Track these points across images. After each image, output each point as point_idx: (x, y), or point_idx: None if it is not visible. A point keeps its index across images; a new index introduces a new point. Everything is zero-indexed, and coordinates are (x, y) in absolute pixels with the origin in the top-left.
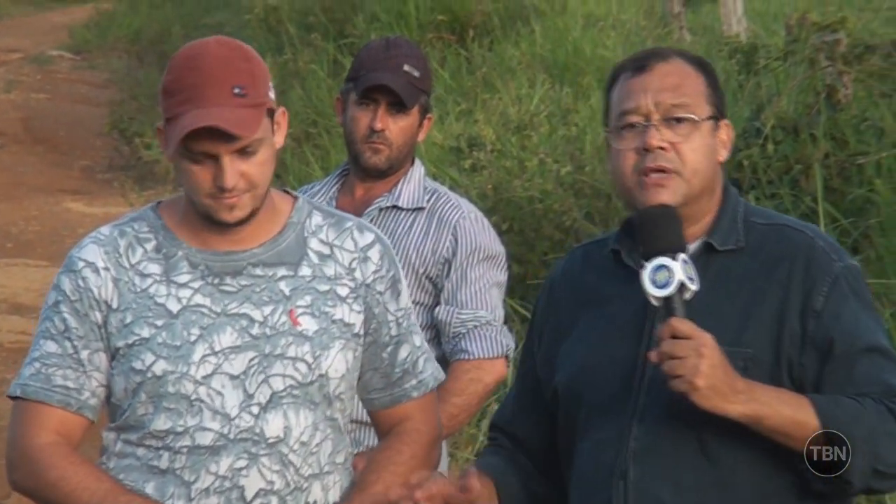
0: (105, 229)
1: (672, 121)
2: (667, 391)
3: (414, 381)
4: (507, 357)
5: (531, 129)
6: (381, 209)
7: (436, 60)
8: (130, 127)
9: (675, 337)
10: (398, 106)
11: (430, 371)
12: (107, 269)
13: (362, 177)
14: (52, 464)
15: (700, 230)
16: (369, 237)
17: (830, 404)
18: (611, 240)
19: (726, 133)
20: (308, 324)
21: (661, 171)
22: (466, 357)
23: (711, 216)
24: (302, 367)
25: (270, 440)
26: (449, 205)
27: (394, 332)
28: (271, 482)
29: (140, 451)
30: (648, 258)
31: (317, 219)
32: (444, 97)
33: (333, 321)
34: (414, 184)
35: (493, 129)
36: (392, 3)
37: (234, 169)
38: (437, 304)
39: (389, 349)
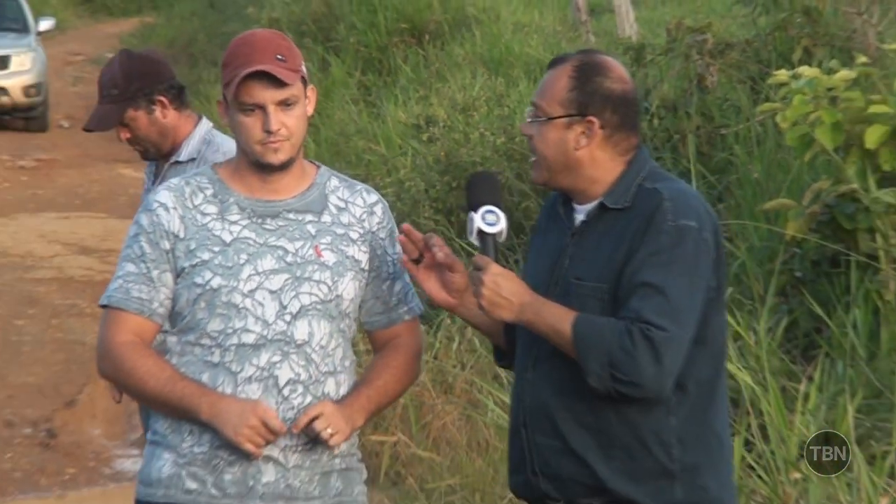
0: (175, 180)
1: (534, 115)
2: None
3: (405, 308)
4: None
5: (473, 109)
6: (169, 164)
7: (400, 57)
8: None
9: (475, 267)
10: None
11: (417, 301)
12: (175, 208)
13: None
14: (127, 357)
15: (598, 193)
16: (374, 197)
17: (585, 322)
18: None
19: (592, 129)
20: (328, 257)
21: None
22: None
23: (609, 183)
24: (324, 288)
25: (298, 342)
26: (212, 150)
27: (391, 269)
28: (298, 374)
29: (197, 350)
30: (472, 206)
31: (335, 182)
32: (406, 86)
33: (347, 257)
34: (195, 140)
35: (444, 110)
36: (365, 15)
37: (276, 116)
38: None
39: (388, 283)
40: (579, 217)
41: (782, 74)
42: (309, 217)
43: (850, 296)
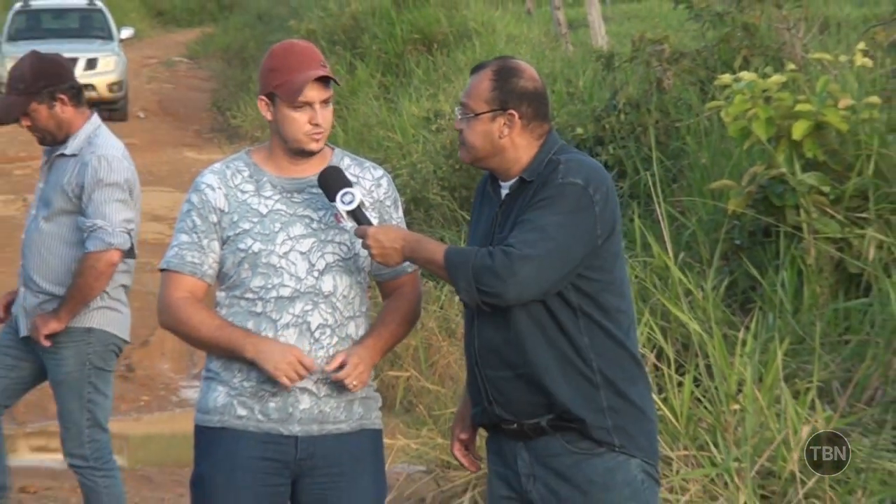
0: (217, 165)
1: (462, 112)
2: None
3: (407, 262)
4: (119, 250)
5: None
6: (56, 154)
7: (413, 62)
8: (224, 105)
9: (356, 234)
10: None
11: None
12: (219, 188)
13: None
14: (183, 309)
15: (518, 171)
16: (380, 172)
17: (454, 250)
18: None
19: (511, 121)
20: (346, 222)
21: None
22: (86, 251)
23: (527, 162)
24: (344, 248)
25: (325, 293)
26: (89, 151)
27: None
28: (326, 319)
29: (242, 302)
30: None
31: (347, 160)
32: (418, 86)
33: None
34: (79, 140)
35: (449, 106)
36: (385, 28)
37: (321, 112)
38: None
39: None
40: (504, 191)
41: (726, 78)
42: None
43: (779, 260)
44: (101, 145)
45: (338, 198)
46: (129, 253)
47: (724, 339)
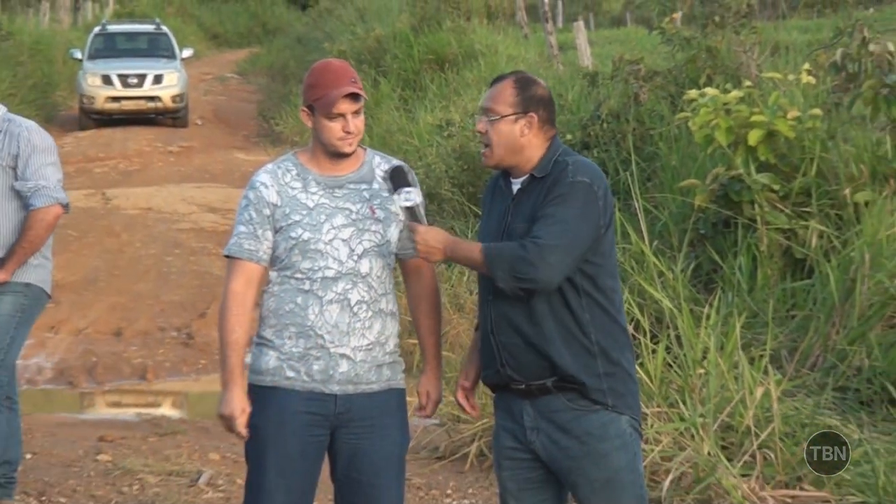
0: (269, 165)
1: (488, 115)
2: None
3: None
4: (62, 205)
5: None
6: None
7: (428, 79)
8: (268, 114)
9: (410, 229)
10: None
11: None
12: (272, 185)
13: None
14: (230, 308)
15: (529, 168)
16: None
17: (490, 246)
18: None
19: (531, 122)
20: (379, 213)
21: (483, 144)
22: (33, 207)
23: (537, 160)
24: (378, 236)
25: (363, 274)
26: (16, 124)
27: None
28: (363, 296)
29: (292, 281)
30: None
31: (377, 159)
32: (432, 98)
33: (391, 212)
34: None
35: (459, 115)
36: (404, 49)
37: (352, 121)
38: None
39: None
40: (516, 186)
41: (692, 93)
42: (363, 186)
43: (737, 247)
44: (20, 119)
45: (402, 193)
46: (65, 208)
47: (691, 314)
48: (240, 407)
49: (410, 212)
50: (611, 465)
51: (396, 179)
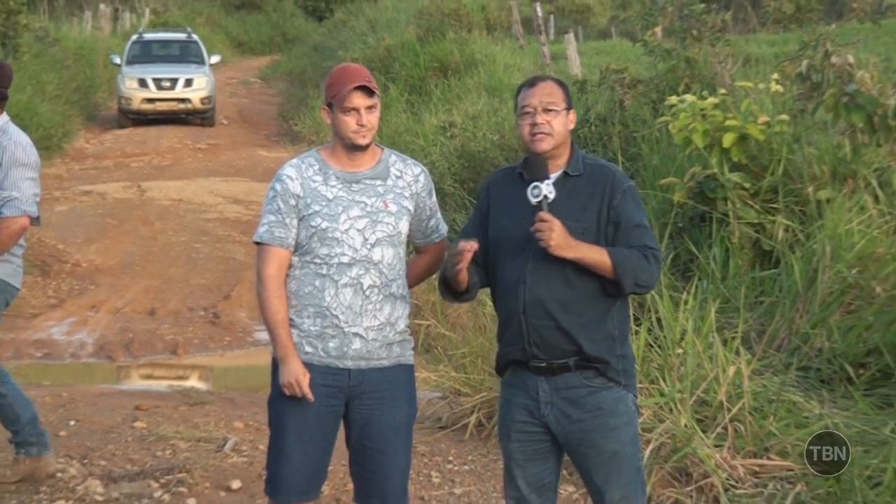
0: (294, 160)
1: (547, 110)
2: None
3: (436, 235)
4: (30, 217)
5: (478, 118)
6: None
7: (433, 84)
8: (287, 115)
9: (542, 220)
10: None
11: (443, 231)
12: (296, 178)
13: None
14: (269, 289)
15: (562, 164)
16: (419, 169)
17: (616, 252)
18: (517, 167)
19: (572, 117)
20: (391, 207)
21: (543, 133)
22: (2, 216)
23: (566, 157)
24: (389, 227)
25: (375, 261)
26: (7, 137)
27: (428, 213)
28: (375, 281)
29: (311, 266)
30: (532, 181)
31: (393, 157)
32: (436, 102)
33: (403, 207)
34: None
35: (460, 118)
36: (411, 58)
37: (365, 115)
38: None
39: (425, 221)
40: (549, 181)
41: (672, 99)
42: (378, 182)
43: (712, 239)
44: (14, 133)
45: (532, 189)
46: (35, 221)
47: (671, 300)
48: (300, 372)
49: (539, 205)
50: (618, 439)
51: (538, 168)
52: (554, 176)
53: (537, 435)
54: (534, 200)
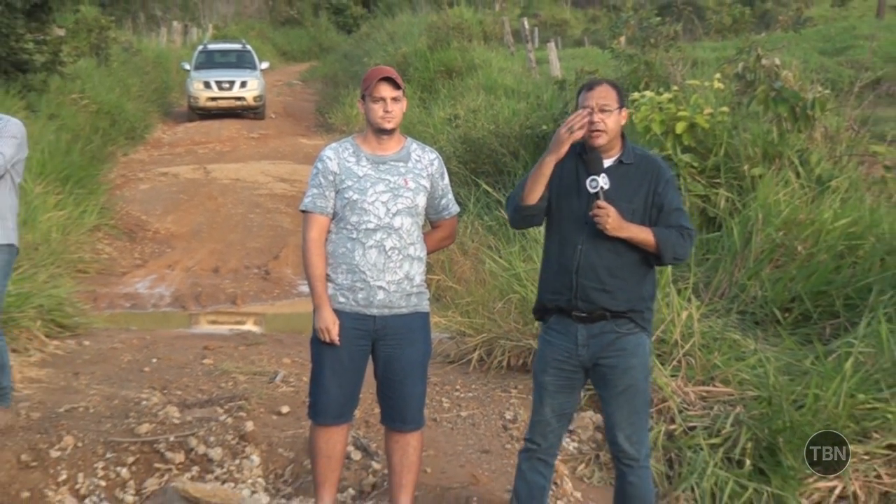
0: (334, 144)
1: (603, 110)
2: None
3: (447, 212)
4: None
5: (478, 111)
6: None
7: (440, 85)
8: (323, 110)
9: (600, 208)
10: None
11: (453, 208)
12: (334, 158)
13: None
14: (311, 250)
15: (616, 153)
16: (434, 155)
17: (659, 231)
18: (577, 148)
19: (624, 114)
20: (411, 184)
21: (599, 131)
22: None
23: (619, 147)
24: (408, 200)
25: (396, 227)
26: (4, 121)
27: (441, 192)
28: (395, 244)
29: (343, 231)
30: (590, 174)
31: (414, 145)
32: (443, 99)
33: (420, 184)
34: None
35: (463, 112)
36: (423, 63)
37: (391, 104)
38: None
39: (439, 199)
40: (603, 169)
41: (635, 95)
42: (401, 164)
43: None
44: (8, 117)
45: (590, 181)
46: None
47: None
48: (331, 319)
49: (596, 194)
50: (636, 375)
51: (594, 162)
52: (608, 162)
53: (569, 372)
54: (592, 191)
